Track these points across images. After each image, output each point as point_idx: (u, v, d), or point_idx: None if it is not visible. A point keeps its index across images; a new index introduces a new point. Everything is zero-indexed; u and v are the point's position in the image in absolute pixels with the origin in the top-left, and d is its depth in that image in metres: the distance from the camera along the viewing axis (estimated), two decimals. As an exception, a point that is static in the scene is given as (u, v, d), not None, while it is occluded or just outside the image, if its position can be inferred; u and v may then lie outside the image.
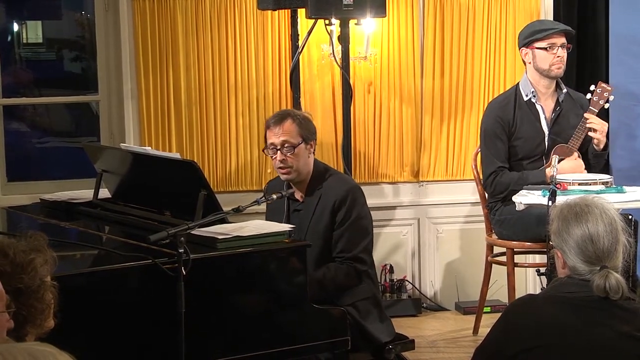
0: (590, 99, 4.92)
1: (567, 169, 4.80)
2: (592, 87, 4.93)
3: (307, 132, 4.08)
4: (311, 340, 3.55)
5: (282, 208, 4.15)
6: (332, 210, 4.01)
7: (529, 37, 5.00)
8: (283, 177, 4.09)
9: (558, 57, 4.96)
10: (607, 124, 4.99)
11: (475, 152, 5.40)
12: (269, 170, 5.47)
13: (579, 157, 4.91)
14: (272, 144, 4.07)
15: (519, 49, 5.08)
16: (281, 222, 4.06)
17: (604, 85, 4.93)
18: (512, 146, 5.03)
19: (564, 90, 5.06)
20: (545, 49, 4.96)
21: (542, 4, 5.79)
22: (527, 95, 5.04)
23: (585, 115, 4.89)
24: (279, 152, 4.05)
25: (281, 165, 4.05)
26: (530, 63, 5.01)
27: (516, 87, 5.11)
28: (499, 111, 5.04)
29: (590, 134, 4.88)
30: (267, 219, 4.27)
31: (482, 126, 5.13)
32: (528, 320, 2.68)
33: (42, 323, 2.30)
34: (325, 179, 4.09)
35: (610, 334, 2.60)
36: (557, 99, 5.07)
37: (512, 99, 5.06)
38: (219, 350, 3.34)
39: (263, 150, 4.22)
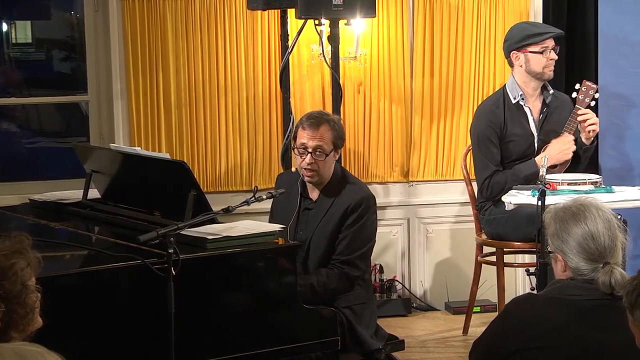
0: (576, 97, 4.91)
1: (556, 148, 4.87)
2: (577, 86, 4.93)
3: (340, 139, 4.09)
4: (301, 340, 3.55)
5: (294, 203, 4.15)
6: (343, 215, 4.01)
7: (523, 42, 4.97)
8: (306, 178, 4.08)
9: (551, 59, 4.98)
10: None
11: (465, 152, 5.41)
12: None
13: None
14: (303, 144, 4.04)
15: (509, 52, 5.04)
16: (290, 217, 4.09)
17: (588, 83, 4.93)
18: (503, 148, 5.03)
19: (551, 92, 5.07)
20: (539, 52, 4.96)
21: (531, 4, 5.80)
22: (514, 98, 5.03)
23: (579, 111, 4.88)
24: (309, 155, 4.02)
25: (308, 167, 4.03)
26: (521, 66, 5.00)
27: (503, 90, 5.10)
28: (490, 115, 5.03)
29: (589, 128, 4.87)
30: (273, 212, 4.29)
31: (474, 131, 5.10)
32: (531, 319, 2.67)
33: (26, 327, 2.26)
34: (343, 185, 4.09)
35: (614, 339, 2.57)
36: (544, 100, 5.08)
37: (501, 102, 5.05)
38: (210, 351, 3.34)
39: (293, 149, 4.18)
